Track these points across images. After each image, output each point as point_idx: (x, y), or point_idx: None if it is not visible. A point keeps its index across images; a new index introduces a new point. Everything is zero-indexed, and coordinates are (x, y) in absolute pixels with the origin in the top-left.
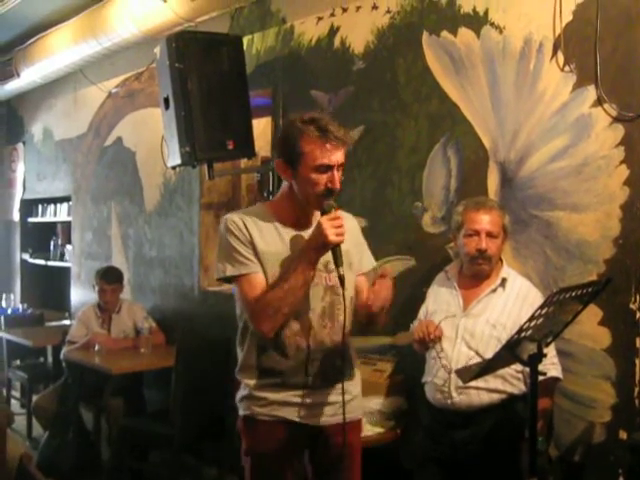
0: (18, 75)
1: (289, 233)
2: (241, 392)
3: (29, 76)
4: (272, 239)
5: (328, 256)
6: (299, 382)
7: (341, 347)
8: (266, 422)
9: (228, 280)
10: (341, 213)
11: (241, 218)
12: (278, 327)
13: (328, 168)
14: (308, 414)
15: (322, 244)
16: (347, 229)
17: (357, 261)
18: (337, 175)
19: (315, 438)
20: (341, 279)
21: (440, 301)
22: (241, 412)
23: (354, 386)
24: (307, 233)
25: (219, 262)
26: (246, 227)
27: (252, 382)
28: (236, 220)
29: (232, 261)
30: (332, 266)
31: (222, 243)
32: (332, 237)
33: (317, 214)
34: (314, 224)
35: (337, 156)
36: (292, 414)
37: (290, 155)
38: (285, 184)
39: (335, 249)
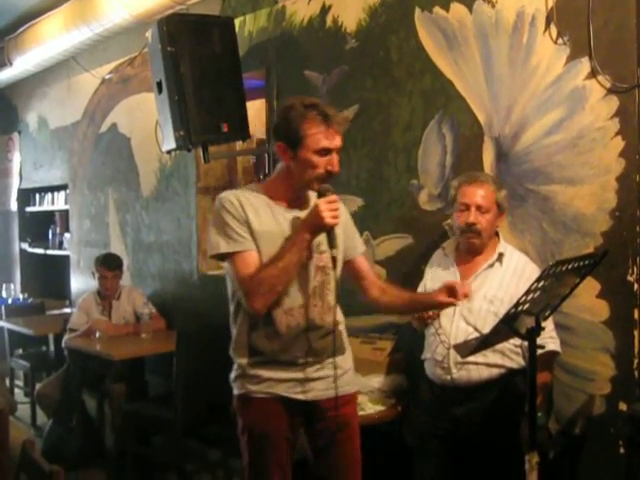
0: (10, 64)
1: (283, 213)
2: (234, 372)
3: (22, 65)
4: (267, 218)
5: (320, 237)
6: (291, 359)
7: (330, 325)
8: (261, 399)
9: (221, 257)
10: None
11: (237, 197)
12: (269, 305)
13: (328, 152)
14: (301, 390)
15: (318, 226)
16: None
17: (351, 246)
18: (336, 158)
19: (310, 414)
20: (334, 260)
21: (438, 278)
22: (235, 391)
23: (345, 361)
24: (300, 215)
25: (213, 239)
26: (242, 206)
27: (244, 360)
28: (232, 199)
29: (226, 238)
30: (323, 247)
31: (217, 220)
32: (328, 220)
33: (311, 195)
34: (306, 206)
35: (337, 140)
36: (285, 390)
37: (292, 138)
38: (281, 165)
39: (330, 231)
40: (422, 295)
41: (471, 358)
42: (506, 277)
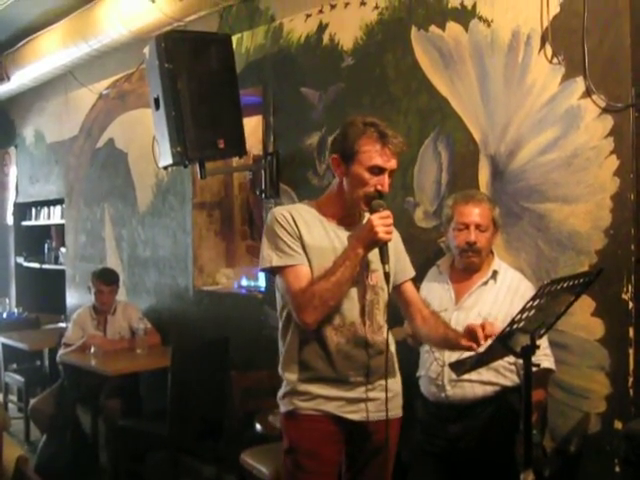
0: (8, 78)
1: (334, 230)
2: (283, 389)
3: (19, 79)
4: (318, 234)
5: (371, 256)
6: (342, 377)
7: (381, 345)
8: (310, 417)
9: (273, 271)
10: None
11: (289, 211)
12: (320, 320)
13: (380, 171)
14: (351, 410)
15: (371, 241)
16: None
17: (400, 270)
18: (387, 180)
19: (354, 434)
20: (387, 276)
21: (433, 295)
22: (283, 409)
23: (395, 384)
24: (352, 232)
25: (265, 253)
26: (294, 220)
27: (295, 376)
28: (284, 213)
29: (279, 252)
30: (374, 266)
31: (269, 234)
32: (382, 234)
33: (361, 215)
34: (358, 223)
35: (392, 162)
36: (336, 409)
37: (347, 152)
38: (335, 182)
39: (383, 247)
40: (452, 334)
41: (465, 376)
42: (500, 294)
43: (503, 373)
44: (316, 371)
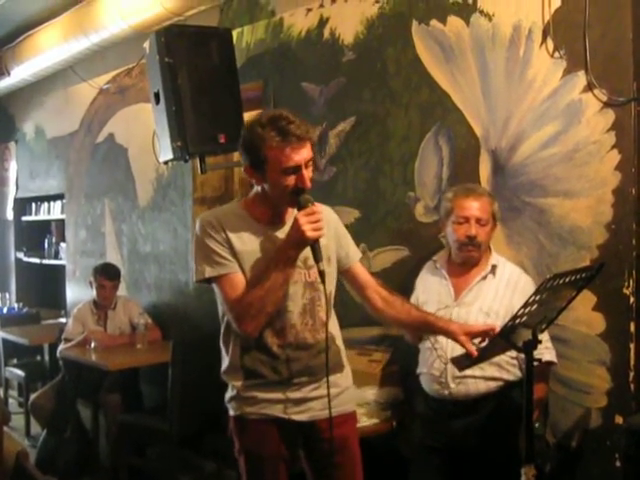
0: (8, 73)
1: (264, 231)
2: (229, 393)
3: (19, 74)
4: (248, 238)
5: (307, 252)
6: (285, 380)
7: (324, 343)
8: (257, 421)
9: (208, 281)
10: (319, 206)
11: (216, 217)
12: (261, 327)
13: (295, 169)
14: (297, 410)
15: (300, 240)
16: (326, 222)
17: (344, 255)
18: (306, 173)
19: (307, 434)
20: (321, 274)
21: (430, 291)
22: (231, 412)
23: (344, 379)
24: (282, 231)
25: (197, 264)
26: (222, 227)
27: (239, 383)
28: (211, 220)
29: (210, 262)
30: (311, 262)
31: (199, 244)
32: (309, 233)
33: (291, 211)
34: (288, 221)
35: (302, 155)
36: (282, 411)
37: (255, 161)
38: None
39: (314, 245)
40: (438, 320)
41: (469, 372)
42: (500, 289)
43: (506, 368)
44: (260, 377)
